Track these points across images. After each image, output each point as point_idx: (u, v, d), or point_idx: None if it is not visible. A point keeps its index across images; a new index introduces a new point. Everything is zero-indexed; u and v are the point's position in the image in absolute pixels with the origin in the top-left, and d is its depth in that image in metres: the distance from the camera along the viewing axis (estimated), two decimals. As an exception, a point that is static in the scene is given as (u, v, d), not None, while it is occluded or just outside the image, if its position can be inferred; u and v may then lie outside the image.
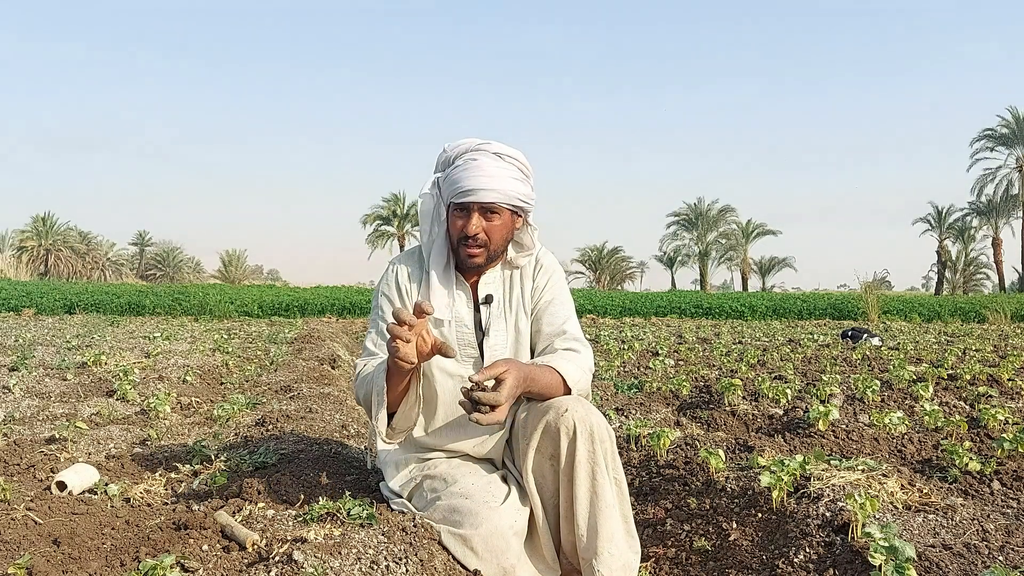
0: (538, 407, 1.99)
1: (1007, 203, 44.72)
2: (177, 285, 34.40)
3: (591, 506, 1.89)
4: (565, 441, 1.89)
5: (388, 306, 2.16)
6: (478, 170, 2.03)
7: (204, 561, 1.66)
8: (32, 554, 1.74)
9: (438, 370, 2.03)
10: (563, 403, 1.94)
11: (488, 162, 2.04)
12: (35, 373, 5.07)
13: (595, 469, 1.90)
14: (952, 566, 1.75)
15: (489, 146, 2.08)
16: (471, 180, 2.02)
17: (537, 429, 1.94)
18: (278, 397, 4.42)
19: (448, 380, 2.04)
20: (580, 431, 1.89)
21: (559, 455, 1.91)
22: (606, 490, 1.90)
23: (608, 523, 1.88)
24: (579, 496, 1.89)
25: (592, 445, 1.90)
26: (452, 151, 2.10)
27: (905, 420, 3.34)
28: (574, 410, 1.91)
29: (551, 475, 1.95)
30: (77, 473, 2.40)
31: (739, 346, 8.32)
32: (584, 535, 1.89)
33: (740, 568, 2.24)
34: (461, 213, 2.07)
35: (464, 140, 2.11)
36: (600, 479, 1.90)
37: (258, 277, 73.31)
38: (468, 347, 2.13)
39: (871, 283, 20.60)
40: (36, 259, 48.83)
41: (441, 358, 1.97)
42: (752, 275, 57.97)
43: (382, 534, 1.75)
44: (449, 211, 2.12)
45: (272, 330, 11.37)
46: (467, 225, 2.05)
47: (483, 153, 2.07)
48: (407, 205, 53.73)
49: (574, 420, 1.89)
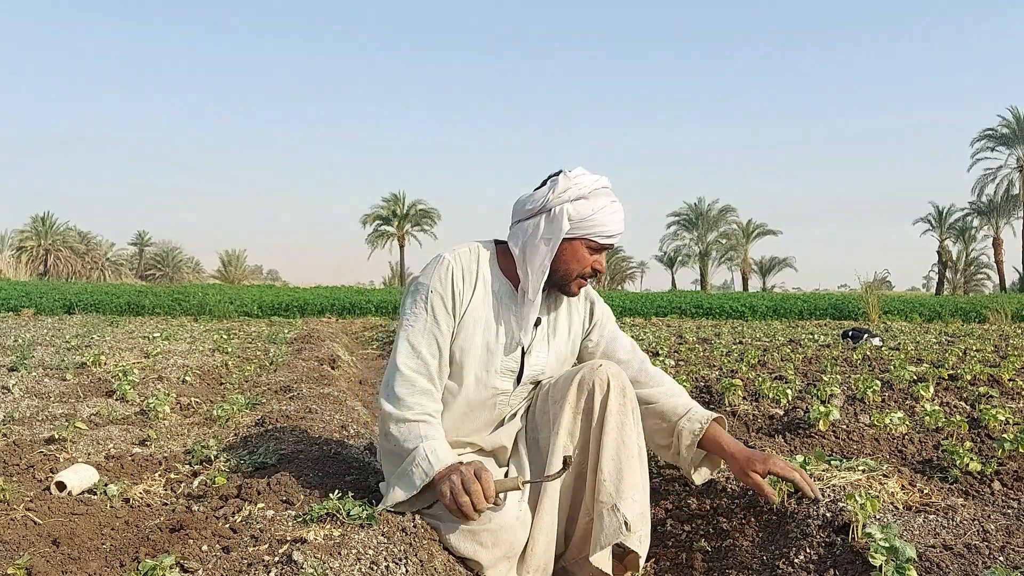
0: (570, 372, 2.14)
1: (1008, 203, 44.74)
2: (176, 285, 34.38)
3: (618, 454, 2.01)
4: (599, 394, 2.04)
5: (441, 309, 2.07)
6: (621, 214, 2.12)
7: (204, 561, 1.65)
8: (31, 554, 1.74)
9: (473, 377, 2.10)
10: (596, 361, 2.12)
11: (621, 207, 2.13)
12: (34, 373, 5.06)
13: (624, 421, 2.04)
14: (953, 566, 1.75)
15: (608, 185, 2.13)
16: (617, 226, 2.10)
17: (571, 387, 2.07)
18: (278, 397, 4.42)
19: (481, 389, 2.12)
20: (614, 385, 2.05)
21: (592, 408, 2.05)
22: (633, 442, 2.04)
23: (632, 473, 2.00)
24: (607, 444, 2.01)
25: (623, 399, 2.06)
26: (584, 185, 2.08)
27: (906, 420, 3.33)
28: (608, 367, 2.09)
29: (581, 435, 2.07)
30: (76, 473, 2.40)
31: (739, 346, 8.31)
32: (608, 480, 1.99)
33: (740, 568, 2.23)
34: (594, 251, 2.12)
35: (585, 173, 2.12)
36: (628, 431, 2.04)
37: (258, 277, 73.32)
38: (513, 361, 2.14)
39: (872, 283, 20.57)
40: (35, 259, 48.85)
41: (478, 367, 2.09)
42: (752, 275, 58.06)
43: (382, 534, 1.74)
44: (572, 244, 2.10)
45: (272, 330, 11.36)
46: (600, 262, 2.14)
47: (616, 199, 2.13)
48: (407, 205, 53.73)
49: (608, 374, 2.06)
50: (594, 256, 2.12)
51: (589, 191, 2.08)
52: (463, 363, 2.09)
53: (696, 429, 2.21)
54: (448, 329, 2.07)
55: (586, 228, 2.07)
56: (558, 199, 2.06)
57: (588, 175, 2.10)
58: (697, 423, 2.21)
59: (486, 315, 2.11)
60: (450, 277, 2.08)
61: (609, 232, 2.09)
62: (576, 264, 2.11)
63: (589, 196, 2.08)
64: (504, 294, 2.15)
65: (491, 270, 2.16)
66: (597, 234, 2.08)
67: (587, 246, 2.10)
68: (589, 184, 2.08)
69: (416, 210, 54.09)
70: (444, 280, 2.08)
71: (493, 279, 2.15)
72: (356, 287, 34.41)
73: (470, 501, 1.79)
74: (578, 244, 2.10)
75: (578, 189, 2.07)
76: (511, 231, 2.17)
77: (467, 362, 2.09)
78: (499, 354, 2.11)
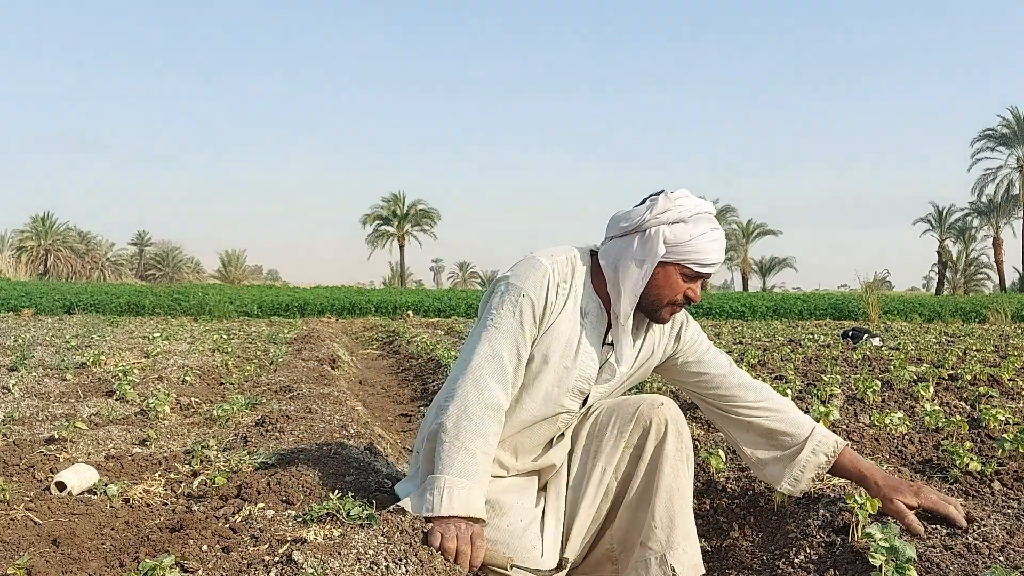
0: (629, 402, 2.10)
1: (1008, 203, 44.72)
2: (176, 285, 34.41)
3: (671, 501, 1.97)
4: (655, 434, 2.02)
5: (529, 317, 1.95)
6: (720, 243, 1.98)
7: (203, 562, 1.65)
8: (31, 554, 1.74)
9: (543, 392, 2.00)
10: (658, 398, 2.08)
11: (722, 235, 2.00)
12: (34, 373, 5.06)
13: (679, 467, 2.01)
14: (953, 566, 1.75)
15: (712, 211, 2.01)
16: (716, 255, 1.97)
17: (626, 419, 2.05)
18: (278, 397, 4.42)
19: (548, 405, 2.02)
20: (671, 428, 2.02)
21: (644, 446, 2.02)
22: (687, 489, 2.01)
23: (685, 522, 1.97)
24: (660, 489, 1.98)
25: (680, 443, 2.03)
26: (685, 208, 1.95)
27: (906, 420, 3.33)
28: (668, 408, 2.05)
29: (627, 467, 2.05)
30: (76, 473, 2.40)
31: (739, 346, 8.31)
32: (659, 528, 1.96)
33: (741, 568, 2.23)
34: (689, 279, 1.99)
35: (689, 196, 1.99)
36: (683, 478, 2.01)
37: (257, 277, 73.28)
38: (586, 382, 2.04)
39: (872, 283, 20.53)
40: (35, 259, 48.83)
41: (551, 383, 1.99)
42: (752, 275, 58.03)
43: (382, 535, 1.74)
44: (667, 268, 1.98)
45: (272, 330, 11.36)
46: (695, 291, 2.00)
47: (717, 225, 2.00)
48: (407, 205, 53.72)
49: (666, 416, 2.03)
50: (688, 284, 1.99)
51: (689, 215, 1.95)
52: (537, 375, 1.99)
53: (823, 463, 2.10)
54: (531, 338, 1.97)
55: (682, 254, 1.95)
56: (655, 220, 1.94)
57: (691, 198, 1.98)
58: (823, 456, 2.09)
59: (570, 331, 2.00)
60: (545, 286, 1.96)
61: (707, 261, 1.96)
62: (668, 291, 1.98)
63: (688, 220, 1.95)
64: (593, 312, 2.03)
65: (584, 285, 2.03)
66: (694, 261, 1.95)
67: (682, 272, 1.97)
68: (691, 208, 1.95)
69: (416, 210, 54.10)
70: (539, 288, 1.96)
71: (585, 295, 2.03)
72: (356, 287, 34.43)
73: (454, 554, 1.76)
74: (672, 270, 1.97)
75: (678, 212, 1.94)
76: (603, 247, 2.06)
77: (541, 375, 1.99)
78: (574, 373, 2.01)
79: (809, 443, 2.10)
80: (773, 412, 2.12)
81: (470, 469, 1.83)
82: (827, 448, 2.09)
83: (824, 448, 2.09)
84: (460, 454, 1.84)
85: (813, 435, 2.11)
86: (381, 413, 5.34)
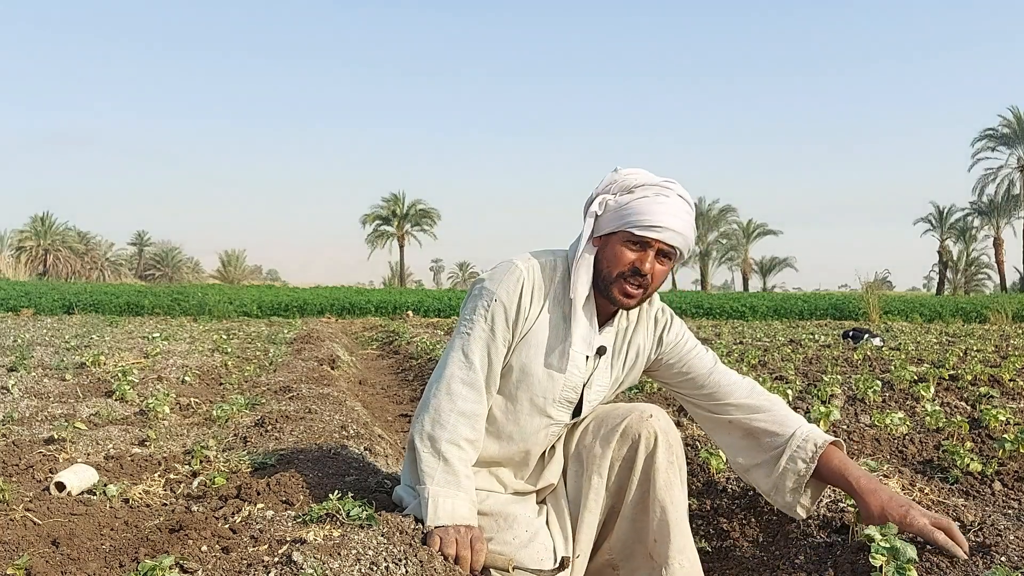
0: (617, 412, 2.01)
1: (1008, 203, 44.69)
2: (176, 285, 34.40)
3: (664, 515, 1.90)
4: (644, 447, 1.93)
5: (501, 322, 1.88)
6: (669, 207, 1.81)
7: (203, 562, 1.65)
8: (31, 555, 1.74)
9: (527, 402, 1.94)
10: (646, 409, 1.98)
11: (678, 203, 1.84)
12: (34, 373, 5.06)
13: (671, 480, 1.93)
14: (953, 567, 1.75)
15: (674, 186, 1.86)
16: (661, 216, 1.79)
17: (614, 432, 1.96)
18: (277, 397, 4.41)
19: (535, 416, 1.96)
20: (661, 440, 1.93)
21: (634, 458, 1.94)
22: (680, 501, 1.94)
23: (680, 536, 1.90)
24: (653, 505, 1.92)
25: (671, 455, 1.95)
26: (631, 178, 1.86)
27: (906, 421, 3.33)
28: (657, 420, 1.96)
29: (617, 479, 1.98)
30: (76, 474, 2.39)
31: (740, 346, 8.31)
32: (654, 542, 1.91)
33: (741, 569, 2.23)
34: (635, 247, 1.83)
35: (640, 170, 1.88)
36: (675, 491, 1.93)
37: (257, 277, 73.28)
38: (573, 391, 1.95)
39: (872, 283, 20.55)
40: (35, 259, 48.85)
41: (534, 391, 1.92)
42: (753, 275, 58.05)
43: (382, 535, 1.74)
44: (611, 240, 1.86)
45: (271, 330, 11.36)
46: (642, 261, 1.82)
47: (670, 191, 1.84)
48: (407, 205, 53.71)
49: (655, 428, 1.94)
50: (636, 254, 1.82)
51: (636, 185, 1.84)
52: (519, 384, 1.93)
53: (802, 471, 1.92)
54: (505, 343, 1.90)
55: (623, 217, 1.82)
56: (602, 191, 1.88)
57: (641, 172, 1.87)
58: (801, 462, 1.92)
59: (550, 338, 1.91)
60: (519, 290, 1.88)
61: (648, 222, 1.79)
62: (616, 263, 1.84)
63: (635, 190, 1.83)
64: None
65: (563, 287, 1.93)
66: (633, 223, 1.80)
67: (625, 240, 1.83)
68: (640, 179, 1.85)
69: (416, 210, 54.09)
70: (511, 293, 1.88)
71: (564, 299, 1.93)
72: (356, 287, 34.45)
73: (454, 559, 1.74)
74: (615, 239, 1.85)
75: (623, 182, 1.85)
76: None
77: (523, 385, 1.93)
78: (560, 382, 1.92)
79: (788, 448, 1.94)
80: (757, 410, 1.99)
81: (450, 479, 1.82)
82: (805, 454, 1.91)
83: (802, 454, 1.91)
84: (439, 464, 1.83)
85: (793, 438, 1.94)
86: (381, 413, 5.34)
